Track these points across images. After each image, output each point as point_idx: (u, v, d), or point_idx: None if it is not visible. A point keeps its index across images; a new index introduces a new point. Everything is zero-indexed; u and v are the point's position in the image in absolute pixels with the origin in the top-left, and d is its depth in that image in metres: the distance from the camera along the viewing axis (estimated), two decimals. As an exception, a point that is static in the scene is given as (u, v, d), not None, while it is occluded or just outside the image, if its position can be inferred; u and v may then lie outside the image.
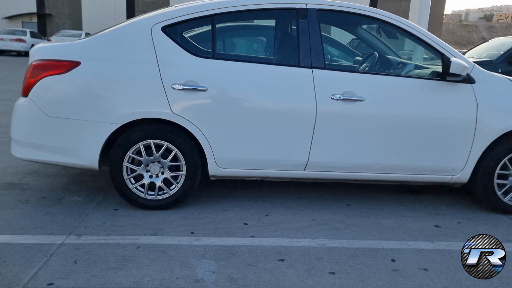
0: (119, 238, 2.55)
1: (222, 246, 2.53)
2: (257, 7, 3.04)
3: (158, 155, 2.92)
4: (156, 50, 2.86)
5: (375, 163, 3.07)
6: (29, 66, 2.85)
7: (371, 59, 3.70)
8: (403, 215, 3.16)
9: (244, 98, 2.92)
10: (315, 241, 2.66)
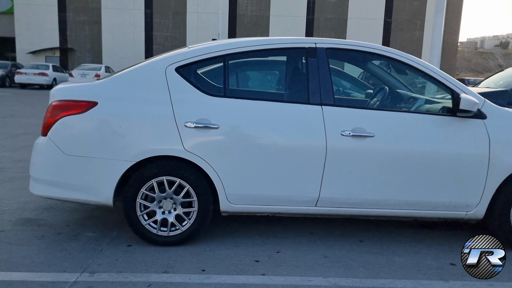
0: (131, 276, 2.57)
1: (233, 284, 2.53)
2: (268, 47, 3.14)
3: (171, 192, 2.97)
4: (170, 89, 2.95)
5: (387, 199, 3.06)
6: (49, 106, 2.97)
7: (382, 93, 3.74)
8: (417, 252, 3.11)
9: (255, 135, 2.98)
10: (326, 279, 2.64)
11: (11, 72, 23.01)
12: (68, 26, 31.46)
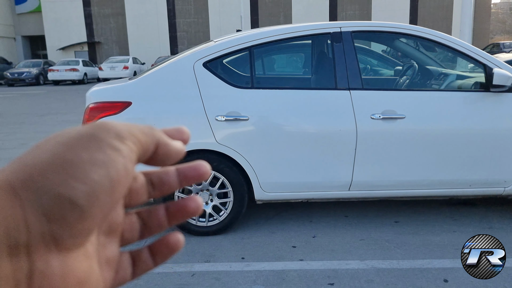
0: (175, 266, 2.70)
1: (272, 271, 2.62)
2: (292, 35, 3.14)
3: (207, 184, 3.07)
4: (199, 85, 3.02)
5: (421, 180, 3.05)
6: (86, 109, 3.10)
7: (411, 71, 3.68)
8: (455, 231, 3.10)
9: (285, 123, 3.02)
10: (364, 262, 2.69)
11: (44, 70, 23.77)
12: (94, 20, 32.02)
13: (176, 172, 0.29)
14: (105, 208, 0.23)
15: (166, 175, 0.29)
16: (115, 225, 0.28)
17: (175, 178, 0.29)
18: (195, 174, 0.29)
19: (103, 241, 0.27)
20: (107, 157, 0.23)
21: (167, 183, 0.29)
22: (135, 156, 0.25)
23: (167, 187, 0.29)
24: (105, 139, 0.24)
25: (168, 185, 0.29)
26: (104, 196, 0.23)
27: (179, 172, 0.29)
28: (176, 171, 0.29)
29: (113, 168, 0.23)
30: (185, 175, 0.29)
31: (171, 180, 0.29)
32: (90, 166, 0.23)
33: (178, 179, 0.29)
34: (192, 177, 0.29)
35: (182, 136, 0.30)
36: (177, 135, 0.30)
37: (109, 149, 0.24)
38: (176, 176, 0.29)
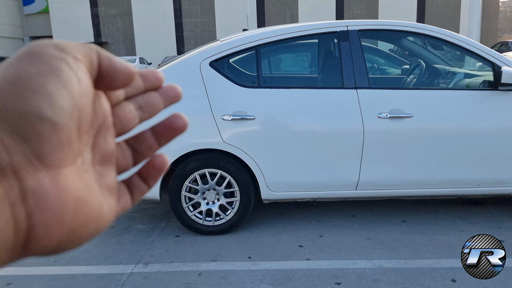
0: (182, 266, 2.71)
1: (278, 270, 2.62)
2: (299, 34, 3.13)
3: (213, 183, 3.07)
4: (205, 84, 3.03)
5: (428, 179, 3.03)
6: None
7: (418, 70, 3.66)
8: (463, 230, 3.08)
9: (291, 123, 3.01)
10: (371, 262, 2.68)
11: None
12: (101, 20, 32.18)
13: (157, 93, 0.32)
14: (74, 117, 0.24)
15: (149, 95, 0.31)
16: (108, 153, 0.29)
17: (159, 98, 0.31)
18: (173, 93, 0.32)
19: (100, 170, 0.28)
20: (53, 67, 0.24)
21: (153, 104, 0.31)
22: (82, 65, 0.25)
23: (154, 108, 0.31)
24: (45, 52, 0.24)
25: (155, 106, 0.31)
26: (66, 103, 0.23)
27: (160, 92, 0.32)
28: (158, 92, 0.32)
29: (63, 76, 0.24)
30: (165, 94, 0.32)
31: (156, 100, 0.31)
32: (41, 78, 0.23)
33: (162, 99, 0.31)
34: (171, 96, 0.32)
35: (155, 75, 0.31)
36: (149, 73, 0.31)
37: (53, 59, 0.24)
38: (160, 96, 0.31)
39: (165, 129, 0.31)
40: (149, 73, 0.31)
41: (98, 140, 0.28)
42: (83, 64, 0.25)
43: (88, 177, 0.26)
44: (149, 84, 0.31)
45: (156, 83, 0.31)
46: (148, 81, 0.31)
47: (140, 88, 0.31)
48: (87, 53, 0.26)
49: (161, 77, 0.32)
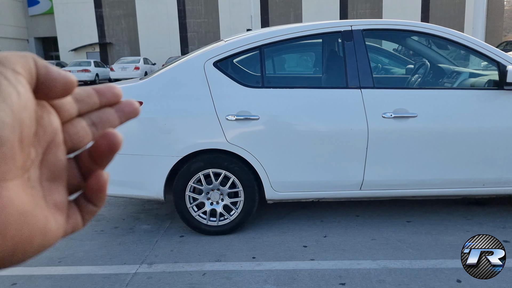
0: (186, 266, 2.71)
1: (283, 270, 2.62)
2: (303, 33, 3.13)
3: (217, 183, 3.07)
4: (209, 84, 3.03)
5: (433, 179, 3.02)
6: (98, 109, 3.12)
7: (423, 69, 3.64)
8: (468, 230, 3.07)
9: (295, 123, 3.01)
10: (375, 262, 2.67)
11: (56, 71, 24.03)
12: (105, 21, 32.29)
13: (114, 109, 0.31)
14: (16, 130, 0.24)
15: (104, 111, 0.31)
16: (57, 170, 0.28)
17: (114, 114, 0.31)
18: (130, 109, 0.32)
19: (48, 186, 0.28)
20: None
21: (108, 120, 0.31)
22: (21, 78, 0.25)
23: (108, 124, 0.31)
24: None
25: (109, 122, 0.31)
26: (7, 117, 0.23)
27: (116, 108, 0.31)
28: (115, 108, 0.31)
29: (2, 91, 0.23)
30: (121, 109, 0.31)
31: (111, 116, 0.31)
32: None
33: (118, 115, 0.31)
34: (128, 112, 0.32)
35: (112, 90, 0.31)
36: (106, 89, 0.31)
37: None
38: (115, 112, 0.31)
39: (95, 150, 0.29)
40: (106, 88, 0.31)
41: (47, 157, 0.28)
42: (22, 76, 0.25)
43: (34, 192, 0.26)
44: (105, 100, 0.31)
45: (113, 99, 0.31)
46: (104, 97, 0.31)
47: (95, 104, 0.31)
48: (25, 64, 0.25)
49: (118, 92, 0.31)
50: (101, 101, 0.31)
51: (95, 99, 0.30)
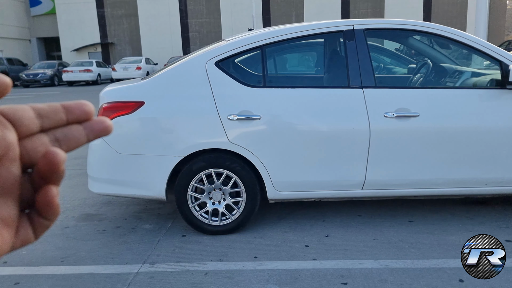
0: (188, 265, 2.72)
1: (285, 270, 2.62)
2: (304, 33, 3.13)
3: (219, 183, 3.07)
4: (211, 84, 3.03)
5: (435, 178, 3.01)
6: (100, 109, 3.13)
7: (425, 69, 3.64)
8: (470, 230, 3.06)
9: (297, 122, 3.01)
10: (377, 262, 2.66)
11: (58, 71, 24.09)
12: (107, 21, 32.32)
13: (82, 126, 0.31)
14: None
15: (71, 128, 0.31)
16: (8, 185, 0.28)
17: (82, 131, 0.31)
18: (100, 127, 0.31)
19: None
20: None
21: (73, 137, 0.31)
22: None
23: (74, 141, 0.31)
24: None
25: (75, 140, 0.31)
26: None
27: (85, 126, 0.31)
28: (83, 125, 0.31)
29: None
30: (91, 127, 0.31)
31: (77, 133, 0.31)
32: None
33: (86, 132, 0.31)
34: (97, 130, 0.31)
35: (82, 108, 0.31)
36: (75, 106, 0.31)
37: None
38: (83, 130, 0.31)
39: (38, 169, 0.29)
40: (75, 105, 0.31)
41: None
42: None
43: None
44: (74, 117, 0.31)
45: (82, 116, 0.31)
46: (72, 114, 0.31)
47: (61, 120, 0.30)
48: None
49: (89, 110, 0.31)
50: (69, 118, 0.31)
51: (61, 115, 0.30)
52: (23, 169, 0.29)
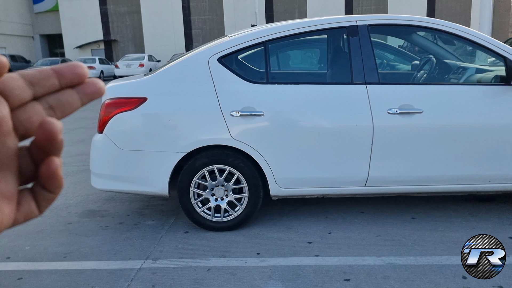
0: (191, 261, 2.72)
1: (287, 266, 2.61)
2: (308, 29, 3.11)
3: (222, 179, 3.07)
4: (213, 80, 3.02)
5: (439, 175, 3.00)
6: (102, 105, 3.13)
7: (429, 65, 3.62)
8: (474, 227, 3.05)
9: (300, 119, 3.00)
10: (380, 258, 2.66)
11: (61, 68, 24.12)
12: (110, 18, 32.33)
13: (74, 90, 0.30)
14: None
15: (64, 93, 0.29)
16: (5, 159, 0.27)
17: (75, 95, 0.29)
18: (93, 89, 0.30)
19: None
20: None
21: (67, 102, 0.29)
22: None
23: (68, 106, 0.29)
24: None
25: (69, 105, 0.29)
26: None
27: (78, 89, 0.30)
28: (75, 89, 0.30)
29: None
30: (83, 90, 0.30)
31: (71, 98, 0.29)
32: None
33: (79, 96, 0.30)
34: (90, 92, 0.30)
35: (74, 70, 0.30)
36: (66, 69, 0.29)
37: None
38: (76, 93, 0.30)
39: (35, 140, 0.28)
40: (67, 68, 0.29)
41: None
42: None
43: None
44: (66, 81, 0.29)
45: (75, 79, 0.29)
46: (65, 78, 0.29)
47: (54, 86, 0.29)
48: None
49: (81, 72, 0.30)
50: (61, 82, 0.29)
51: (53, 81, 0.29)
52: (20, 141, 0.28)
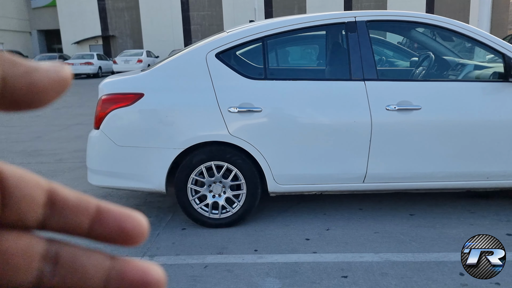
0: (188, 258, 2.71)
1: (285, 263, 2.61)
2: (306, 25, 3.09)
3: (220, 176, 3.06)
4: (211, 76, 3.00)
5: (437, 172, 2.99)
6: (99, 101, 3.11)
7: (427, 62, 3.61)
8: (472, 224, 3.04)
9: (298, 115, 2.98)
10: (378, 255, 2.65)
11: (59, 64, 24.03)
12: (108, 14, 32.22)
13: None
14: None
15: (87, 256, 0.21)
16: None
17: (103, 262, 0.21)
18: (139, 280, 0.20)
19: None
20: None
21: (81, 271, 0.20)
22: None
23: (77, 277, 0.20)
24: None
25: (81, 274, 0.20)
26: None
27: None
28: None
29: None
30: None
31: (92, 267, 0.20)
32: None
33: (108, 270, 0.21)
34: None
35: (123, 225, 0.21)
36: (114, 217, 0.21)
37: None
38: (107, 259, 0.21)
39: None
40: (115, 215, 0.21)
41: None
42: None
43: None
44: (102, 231, 0.20)
45: (117, 237, 0.21)
46: (103, 226, 0.20)
47: (78, 226, 0.20)
48: None
49: (135, 232, 0.21)
50: (93, 228, 0.20)
51: (82, 219, 0.20)
52: None
